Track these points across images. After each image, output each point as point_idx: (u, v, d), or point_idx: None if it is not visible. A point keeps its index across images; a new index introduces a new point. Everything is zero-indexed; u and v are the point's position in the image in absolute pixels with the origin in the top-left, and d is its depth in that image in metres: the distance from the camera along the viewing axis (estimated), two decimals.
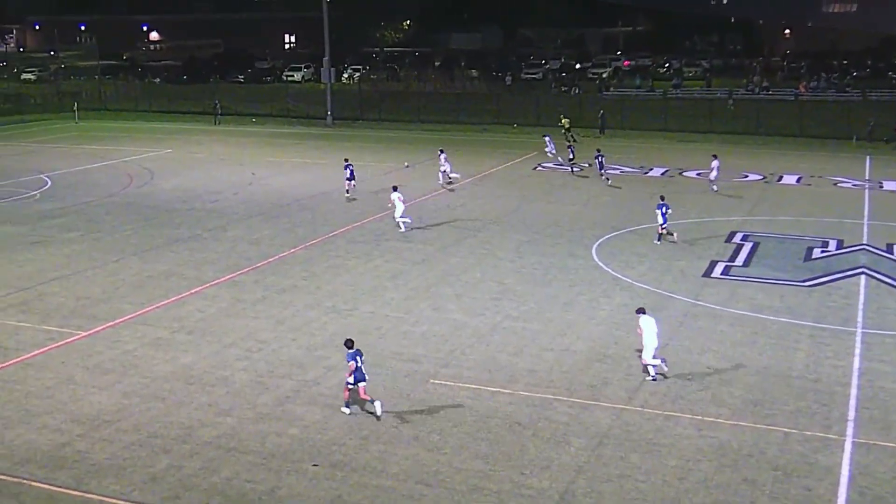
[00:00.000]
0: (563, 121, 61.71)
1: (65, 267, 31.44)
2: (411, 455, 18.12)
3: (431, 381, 21.69)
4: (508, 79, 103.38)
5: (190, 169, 51.60)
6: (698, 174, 48.99)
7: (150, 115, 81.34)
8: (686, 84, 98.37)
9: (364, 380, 19.66)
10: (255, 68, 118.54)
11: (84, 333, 24.91)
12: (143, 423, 19.49)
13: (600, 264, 31.75)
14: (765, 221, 38.28)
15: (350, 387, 19.72)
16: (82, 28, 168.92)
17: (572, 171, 49.52)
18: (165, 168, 52.14)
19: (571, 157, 50.03)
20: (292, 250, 33.80)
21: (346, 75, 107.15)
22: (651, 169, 51.31)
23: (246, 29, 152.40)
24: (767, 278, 30.00)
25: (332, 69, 75.33)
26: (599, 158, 47.00)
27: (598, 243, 34.57)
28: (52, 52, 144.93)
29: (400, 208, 36.19)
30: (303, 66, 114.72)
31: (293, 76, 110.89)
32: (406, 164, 51.88)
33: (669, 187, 45.27)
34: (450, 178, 45.76)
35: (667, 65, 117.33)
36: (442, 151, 47.16)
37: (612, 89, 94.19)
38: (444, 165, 45.78)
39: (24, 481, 17.14)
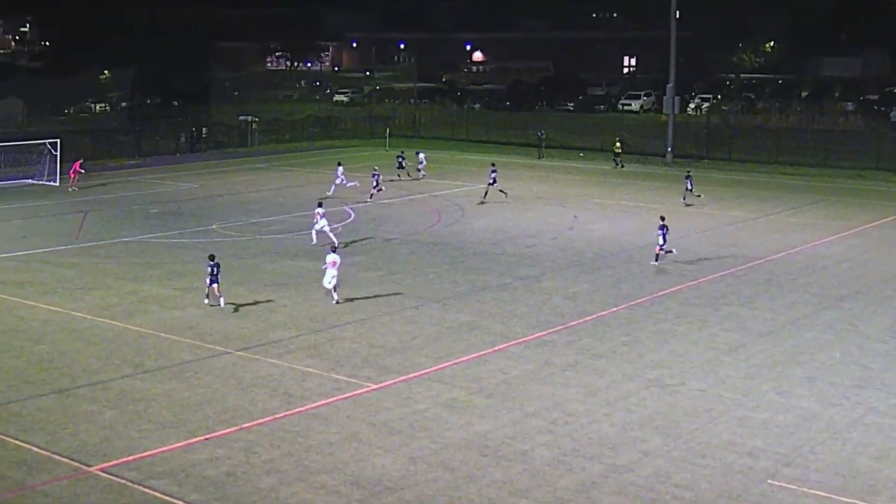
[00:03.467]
0: (616, 144, 71.97)
1: (360, 310, 33.21)
2: None
3: (770, 481, 20.84)
4: (894, 114, 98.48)
5: (504, 208, 53.06)
6: None
7: (465, 145, 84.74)
8: None
9: (217, 282, 32.48)
10: (586, 95, 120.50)
11: (374, 386, 26.14)
12: (427, 494, 20.07)
13: None
14: None
15: (208, 288, 32.76)
16: (401, 47, 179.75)
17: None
18: (477, 205, 53.95)
19: (491, 183, 54.34)
20: (614, 309, 33.82)
21: (692, 105, 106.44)
22: None
23: (580, 49, 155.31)
24: None
25: (677, 98, 75.04)
26: (688, 179, 54.33)
27: None
28: (367, 73, 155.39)
29: (321, 223, 41.90)
30: (642, 93, 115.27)
31: (630, 105, 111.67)
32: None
33: None
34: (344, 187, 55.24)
35: None
36: (340, 164, 57.40)
37: None
38: (339, 178, 55.20)
39: None
